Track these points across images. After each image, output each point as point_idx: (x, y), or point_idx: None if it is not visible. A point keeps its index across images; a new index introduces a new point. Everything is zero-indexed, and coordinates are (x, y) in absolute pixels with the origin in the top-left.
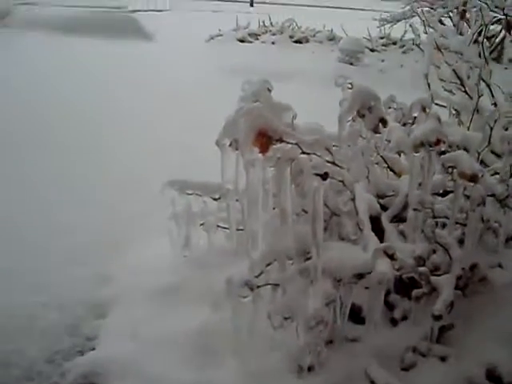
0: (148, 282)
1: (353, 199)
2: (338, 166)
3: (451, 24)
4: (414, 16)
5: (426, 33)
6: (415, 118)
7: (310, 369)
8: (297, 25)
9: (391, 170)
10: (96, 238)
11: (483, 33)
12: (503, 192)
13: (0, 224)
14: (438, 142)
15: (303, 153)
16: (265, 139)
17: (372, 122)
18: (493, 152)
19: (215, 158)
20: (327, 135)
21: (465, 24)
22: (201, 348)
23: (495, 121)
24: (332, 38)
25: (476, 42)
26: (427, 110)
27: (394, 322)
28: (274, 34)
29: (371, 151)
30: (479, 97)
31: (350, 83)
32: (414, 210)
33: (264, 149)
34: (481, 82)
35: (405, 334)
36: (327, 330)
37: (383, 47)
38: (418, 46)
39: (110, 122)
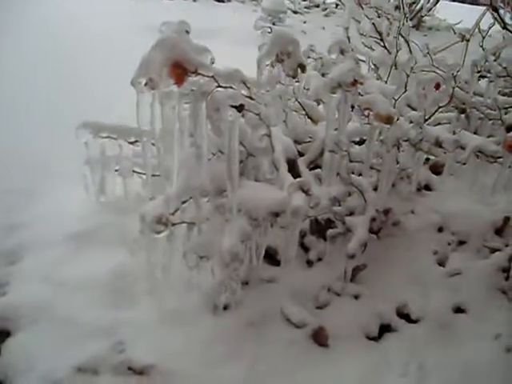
0: (61, 228)
1: (269, 135)
2: (254, 100)
3: None
4: None
5: None
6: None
7: (225, 307)
8: None
9: (309, 117)
10: (6, 185)
11: None
12: (417, 136)
13: None
14: (355, 82)
15: (219, 86)
16: (180, 70)
17: (291, 67)
18: (409, 106)
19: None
20: (246, 79)
21: None
22: (116, 289)
23: (412, 67)
24: None
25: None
26: (345, 53)
27: (309, 264)
28: None
29: (289, 96)
30: (397, 51)
31: (270, 27)
32: (330, 151)
33: (179, 80)
34: (399, 37)
35: (320, 274)
36: (242, 267)
37: (306, 10)
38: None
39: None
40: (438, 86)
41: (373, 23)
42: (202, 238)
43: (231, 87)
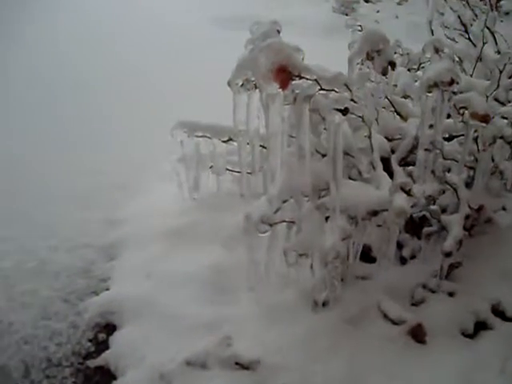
0: (158, 224)
1: (369, 136)
2: (356, 102)
3: None
4: None
5: None
6: (420, 64)
7: (324, 304)
8: None
9: (398, 113)
10: (106, 181)
11: None
12: None
13: (11, 164)
14: (452, 82)
15: (321, 89)
16: (285, 74)
17: (381, 64)
18: (496, 100)
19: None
20: (338, 76)
21: None
22: (215, 285)
23: (504, 65)
24: None
25: None
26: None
27: (403, 261)
28: None
29: (381, 93)
30: (484, 44)
31: (360, 25)
32: (425, 150)
33: (284, 84)
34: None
35: (414, 271)
36: (343, 265)
37: None
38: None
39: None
40: None
41: (458, 15)
42: (301, 236)
43: (334, 90)
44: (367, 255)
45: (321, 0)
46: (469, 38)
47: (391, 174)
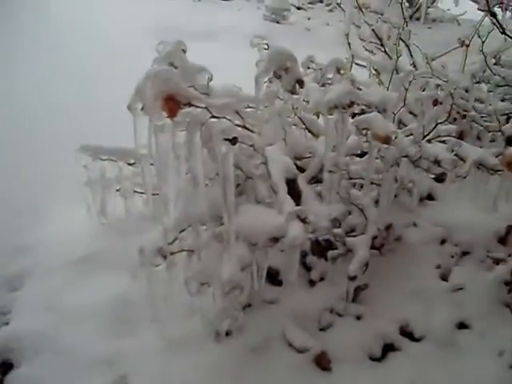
0: (63, 253)
1: (265, 163)
2: (249, 129)
3: None
4: None
5: None
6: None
7: (227, 333)
8: None
9: (309, 131)
10: (8, 207)
11: None
12: (416, 153)
13: None
14: (352, 104)
15: (213, 117)
16: (173, 104)
17: (289, 82)
18: (411, 112)
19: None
20: (244, 97)
21: None
22: (118, 317)
23: (410, 81)
24: None
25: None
26: (342, 72)
27: (312, 283)
28: None
29: (288, 112)
30: (397, 57)
31: (267, 43)
32: (329, 172)
33: (172, 113)
34: (400, 42)
35: (322, 294)
36: (243, 294)
37: (310, 5)
38: (338, 5)
39: None
40: (435, 103)
41: (372, 29)
42: (201, 265)
43: (225, 117)
44: (275, 277)
45: (252, 8)
46: (385, 51)
47: (300, 195)
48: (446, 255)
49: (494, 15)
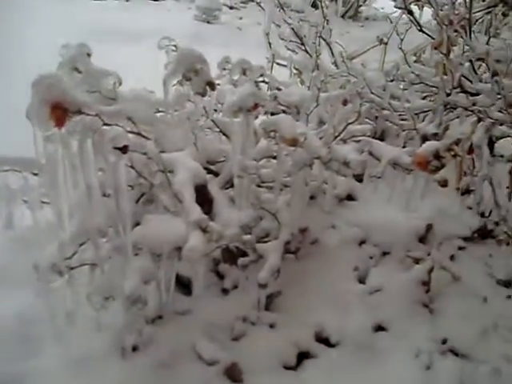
0: None
1: (163, 171)
2: (145, 136)
3: None
4: None
5: None
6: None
7: (134, 349)
8: None
9: (224, 133)
10: None
11: None
12: (326, 155)
13: None
14: (256, 106)
15: (106, 124)
16: (60, 112)
17: (199, 85)
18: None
19: None
20: (153, 101)
21: None
22: (20, 336)
23: (322, 80)
24: None
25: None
26: (247, 73)
27: (225, 292)
28: None
29: (199, 116)
30: (317, 56)
31: (175, 45)
32: (238, 177)
33: (60, 122)
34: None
35: (236, 303)
36: (149, 307)
37: (242, 4)
38: (258, 4)
39: None
40: (345, 103)
41: (292, 28)
42: (103, 279)
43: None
44: (187, 287)
45: (183, 8)
46: (306, 50)
47: (211, 201)
48: (364, 257)
49: (410, 13)
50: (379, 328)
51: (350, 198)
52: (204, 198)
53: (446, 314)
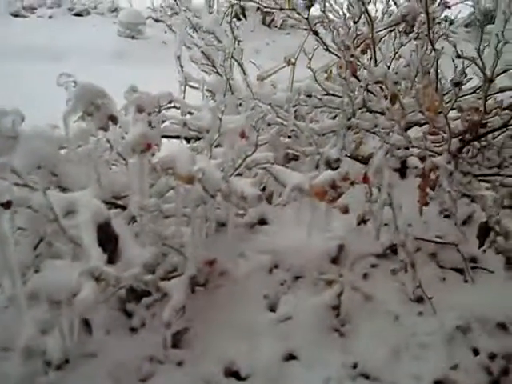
0: None
1: (56, 219)
2: (32, 187)
3: None
4: None
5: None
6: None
7: None
8: None
9: None
10: None
11: (231, 12)
12: (225, 188)
13: None
14: (149, 146)
15: None
16: None
17: (100, 119)
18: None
19: None
20: (57, 138)
21: None
22: None
23: (225, 106)
24: (115, 10)
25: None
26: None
27: (133, 331)
28: (51, 7)
29: (103, 151)
30: (227, 79)
31: (74, 81)
32: (133, 218)
33: None
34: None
35: (143, 342)
36: (51, 354)
37: (170, 17)
38: (169, 27)
39: None
40: (243, 135)
41: (202, 51)
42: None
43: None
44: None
45: (108, 23)
46: (217, 72)
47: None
48: (275, 283)
49: (316, 33)
50: (290, 357)
51: (262, 221)
52: (108, 237)
53: (358, 336)
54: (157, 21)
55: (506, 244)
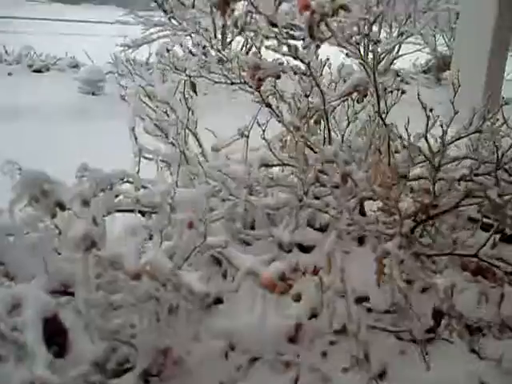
0: None
1: None
2: None
3: None
4: (154, 40)
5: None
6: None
7: None
8: (35, 53)
9: None
10: None
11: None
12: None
13: None
14: (93, 244)
15: None
16: None
17: (47, 207)
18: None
19: None
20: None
21: None
22: None
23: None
24: (75, 66)
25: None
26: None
27: None
28: (10, 64)
29: (51, 238)
30: (181, 151)
31: (20, 168)
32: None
33: None
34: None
35: None
36: None
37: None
38: (122, 97)
39: None
40: (190, 225)
41: (155, 124)
42: None
43: None
44: None
45: (69, 79)
46: (171, 143)
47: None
48: (231, 368)
49: (269, 105)
50: None
51: (217, 300)
52: (56, 331)
53: None
54: (119, 75)
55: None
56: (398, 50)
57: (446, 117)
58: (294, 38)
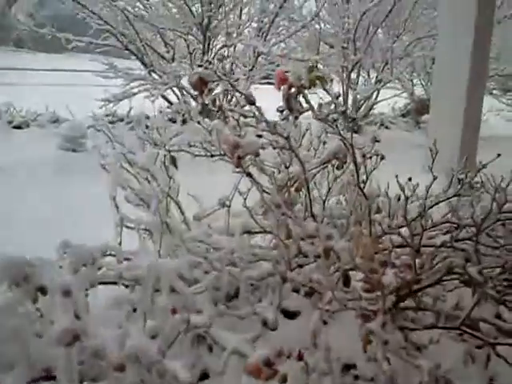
0: None
1: None
2: None
3: None
4: (135, 94)
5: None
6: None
7: None
8: (15, 109)
9: None
10: None
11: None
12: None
13: None
14: (77, 337)
15: None
16: None
17: (28, 291)
18: None
19: None
20: None
21: None
22: None
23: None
24: (56, 121)
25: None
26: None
27: None
28: None
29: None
30: (163, 222)
31: None
32: None
33: None
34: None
35: None
36: None
37: (111, 124)
38: (103, 167)
39: None
40: (174, 312)
41: (135, 193)
42: None
43: None
44: None
45: (49, 135)
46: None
47: None
48: None
49: (249, 175)
50: None
51: (203, 376)
52: None
53: None
54: (99, 130)
55: None
56: (377, 96)
57: (426, 159)
58: None
